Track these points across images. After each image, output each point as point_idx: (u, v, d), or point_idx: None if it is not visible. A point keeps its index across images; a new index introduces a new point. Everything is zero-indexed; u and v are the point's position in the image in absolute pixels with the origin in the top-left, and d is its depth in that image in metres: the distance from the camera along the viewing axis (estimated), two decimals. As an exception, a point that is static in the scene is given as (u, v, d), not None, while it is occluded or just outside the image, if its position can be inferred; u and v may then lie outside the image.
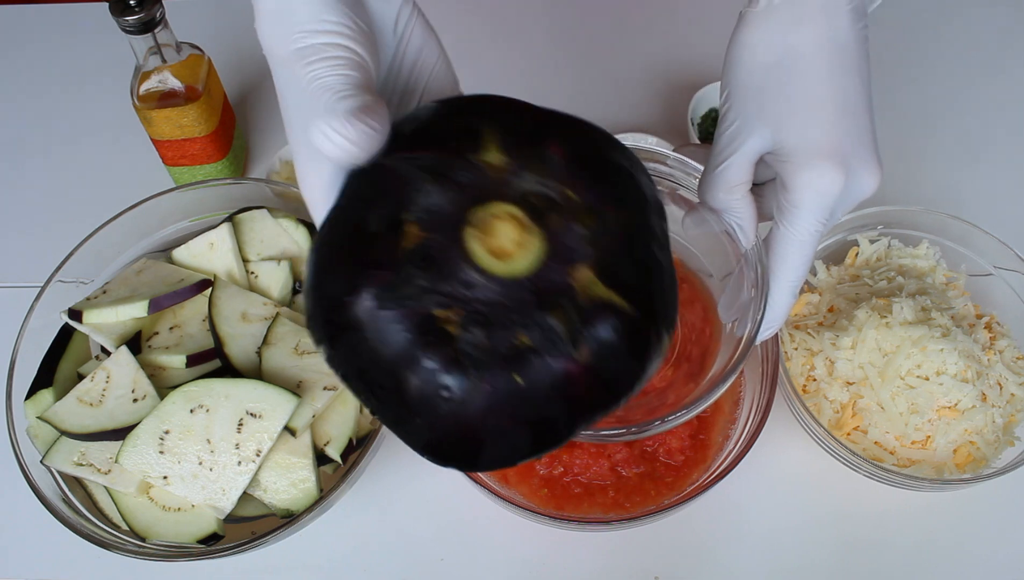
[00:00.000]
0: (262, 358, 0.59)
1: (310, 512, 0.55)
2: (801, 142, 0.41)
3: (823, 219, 0.42)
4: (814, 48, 0.42)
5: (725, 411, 0.62)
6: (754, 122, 0.43)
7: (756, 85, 0.43)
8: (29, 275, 0.76)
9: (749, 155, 0.44)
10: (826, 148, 0.41)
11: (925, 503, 0.63)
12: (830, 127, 0.41)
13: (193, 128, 0.73)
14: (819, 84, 0.42)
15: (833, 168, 0.41)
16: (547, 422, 0.32)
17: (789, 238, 0.43)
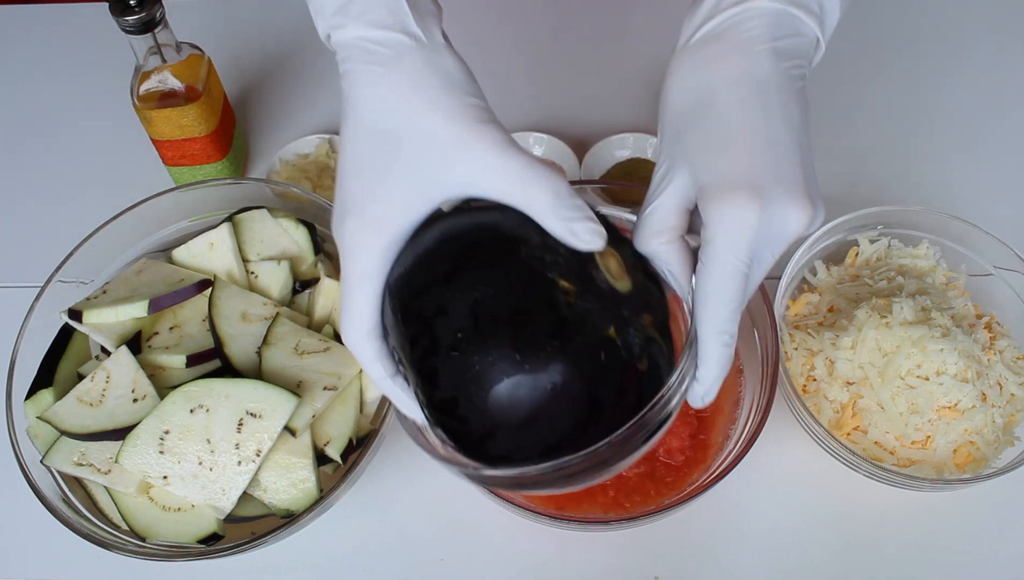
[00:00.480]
0: (262, 358, 0.59)
1: (310, 512, 0.55)
2: (713, 176, 0.40)
3: (742, 256, 0.40)
4: (728, 84, 0.41)
5: (725, 411, 0.62)
6: (676, 165, 0.42)
7: (678, 124, 0.43)
8: (29, 275, 0.76)
9: (674, 198, 0.42)
10: (740, 180, 0.39)
11: (925, 503, 0.63)
12: (742, 159, 0.40)
13: (193, 128, 0.73)
14: (731, 118, 0.41)
15: (744, 199, 0.39)
16: (600, 400, 0.43)
17: (708, 276, 0.40)
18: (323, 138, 0.82)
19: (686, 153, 0.42)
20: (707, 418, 0.61)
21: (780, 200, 0.39)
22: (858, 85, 0.87)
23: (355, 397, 0.60)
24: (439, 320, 0.43)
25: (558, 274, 0.42)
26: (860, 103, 0.86)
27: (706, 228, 0.40)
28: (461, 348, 0.42)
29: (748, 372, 0.62)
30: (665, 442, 0.59)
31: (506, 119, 0.44)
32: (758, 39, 0.41)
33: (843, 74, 0.88)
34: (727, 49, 0.42)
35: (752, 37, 0.42)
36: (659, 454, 0.60)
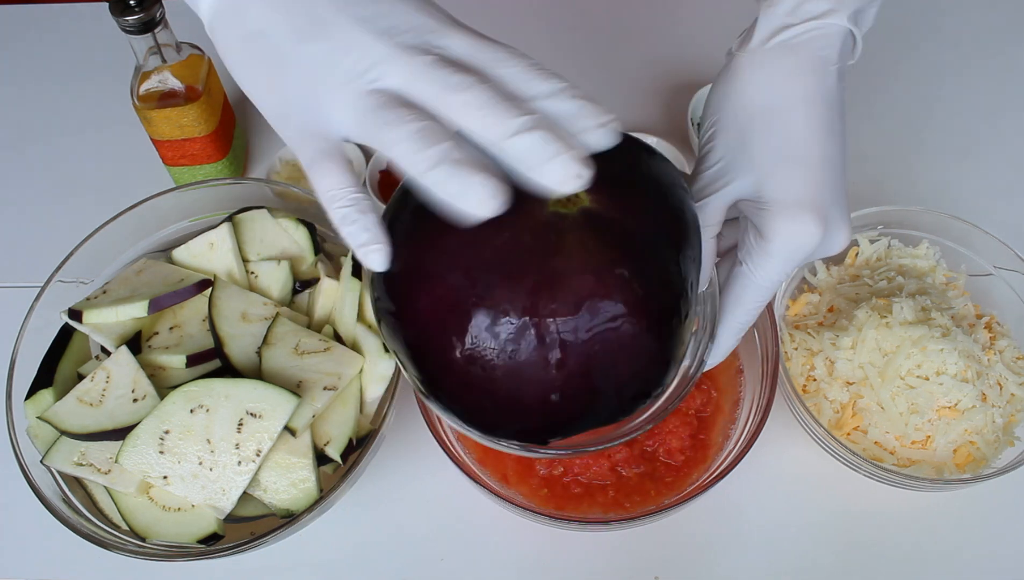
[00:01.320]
0: (262, 358, 0.59)
1: (310, 512, 0.55)
2: (785, 192, 0.41)
3: (792, 270, 0.42)
4: (806, 101, 0.42)
5: (725, 411, 0.62)
6: (739, 166, 0.43)
7: (744, 128, 0.43)
8: (29, 275, 0.76)
9: (728, 199, 0.43)
10: (810, 201, 0.41)
11: (925, 503, 0.63)
12: (815, 181, 0.41)
13: (193, 128, 0.73)
14: (808, 137, 0.42)
15: (814, 221, 0.40)
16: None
17: (752, 282, 0.43)
18: (323, 138, 0.82)
19: (754, 160, 0.42)
20: (707, 418, 0.61)
21: (834, 223, 0.42)
22: (858, 85, 0.87)
23: (355, 397, 0.60)
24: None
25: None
26: (860, 103, 0.86)
27: (767, 240, 0.41)
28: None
29: (748, 372, 0.62)
30: (665, 442, 0.59)
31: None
32: (830, 59, 0.43)
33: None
34: (804, 65, 0.42)
35: (826, 57, 0.43)
36: (659, 454, 0.60)
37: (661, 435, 0.59)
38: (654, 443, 0.60)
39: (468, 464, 0.58)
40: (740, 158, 0.43)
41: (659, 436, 0.60)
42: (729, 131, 0.44)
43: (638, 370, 0.37)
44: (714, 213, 0.44)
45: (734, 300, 0.44)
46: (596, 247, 0.35)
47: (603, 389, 0.37)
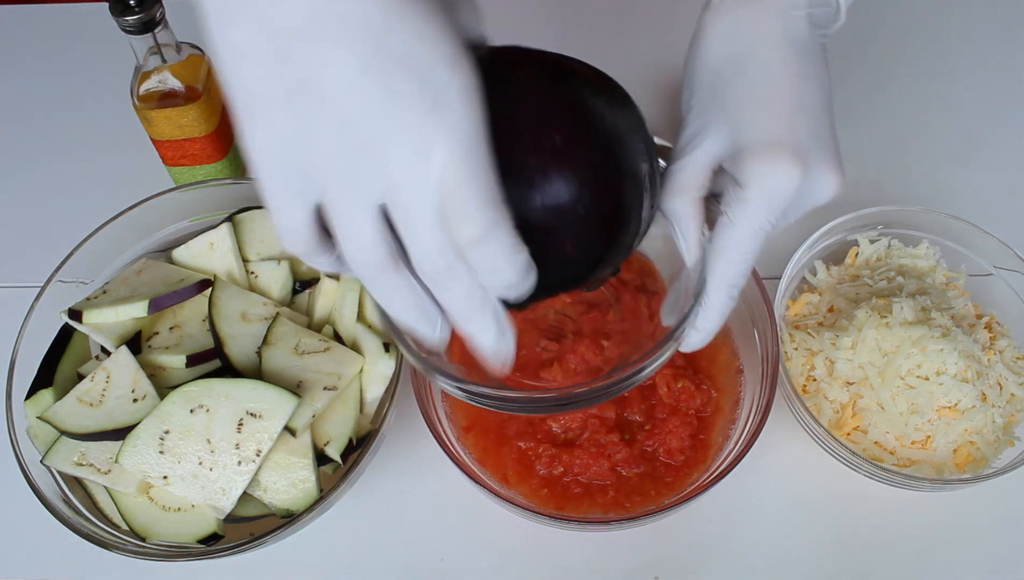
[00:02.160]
0: (262, 358, 0.59)
1: (310, 512, 0.55)
2: (755, 133, 0.40)
3: (773, 217, 0.40)
4: (770, 45, 0.41)
5: (725, 411, 0.62)
6: (712, 123, 0.42)
7: (713, 82, 0.42)
8: (29, 275, 0.75)
9: (706, 157, 0.42)
10: (782, 141, 0.39)
11: (925, 503, 0.63)
12: (786, 120, 0.40)
13: (193, 128, 0.73)
14: (775, 79, 0.41)
15: (788, 161, 0.39)
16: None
17: (733, 232, 0.41)
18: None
19: (725, 109, 0.41)
20: (707, 418, 0.61)
21: (817, 166, 0.40)
22: (858, 85, 0.87)
23: (355, 397, 0.60)
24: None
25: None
26: (860, 103, 0.86)
27: (743, 186, 0.40)
28: None
29: (748, 372, 0.62)
30: (665, 442, 0.59)
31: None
32: (795, 4, 0.41)
33: (843, 74, 0.88)
34: (766, 10, 0.41)
35: (790, 1, 0.41)
36: (659, 454, 0.60)
37: (661, 435, 0.59)
38: (654, 443, 0.60)
39: (468, 464, 0.58)
40: (712, 114, 0.42)
41: (659, 436, 0.60)
42: (701, 90, 0.43)
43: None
44: (691, 176, 0.42)
45: (718, 252, 0.42)
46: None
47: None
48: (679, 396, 0.60)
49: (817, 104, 0.41)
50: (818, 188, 0.41)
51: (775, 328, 0.59)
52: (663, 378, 0.61)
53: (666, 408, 0.60)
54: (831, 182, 0.41)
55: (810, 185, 0.40)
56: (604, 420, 0.60)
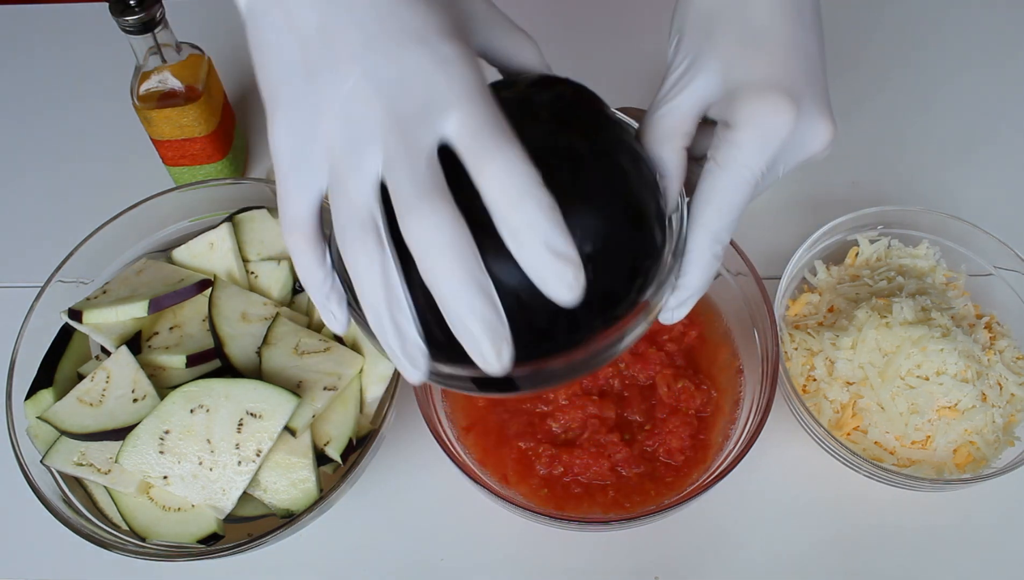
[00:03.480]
0: (262, 358, 0.59)
1: (310, 512, 0.55)
2: (749, 73, 0.38)
3: (764, 162, 0.38)
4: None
5: (725, 411, 0.62)
6: (703, 63, 0.40)
7: (704, 24, 0.40)
8: (29, 275, 0.76)
9: (694, 99, 0.40)
10: (777, 80, 0.38)
11: (925, 503, 0.63)
12: (783, 62, 0.38)
13: (193, 128, 0.73)
14: (774, 21, 0.39)
15: (783, 101, 0.37)
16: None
17: (721, 177, 0.38)
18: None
19: (717, 50, 0.39)
20: (707, 418, 0.61)
21: (810, 112, 0.38)
22: (858, 85, 0.87)
23: (355, 397, 0.60)
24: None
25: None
26: (860, 103, 0.86)
27: (733, 128, 0.38)
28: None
29: (748, 372, 0.62)
30: (665, 442, 0.59)
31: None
32: None
33: (843, 74, 0.88)
34: None
35: None
36: (659, 454, 0.60)
37: (661, 435, 0.59)
38: (654, 443, 0.60)
39: (468, 464, 0.58)
40: (703, 54, 0.40)
41: (659, 436, 0.60)
42: (691, 31, 0.41)
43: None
44: (678, 120, 0.40)
45: (704, 202, 0.39)
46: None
47: None
48: (679, 396, 0.60)
49: (812, 52, 0.40)
50: (810, 137, 0.39)
51: (775, 328, 0.59)
52: (663, 378, 0.61)
53: (666, 408, 0.60)
54: (824, 130, 0.39)
55: (802, 133, 0.39)
56: (604, 420, 0.60)
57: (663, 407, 0.60)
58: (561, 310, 0.33)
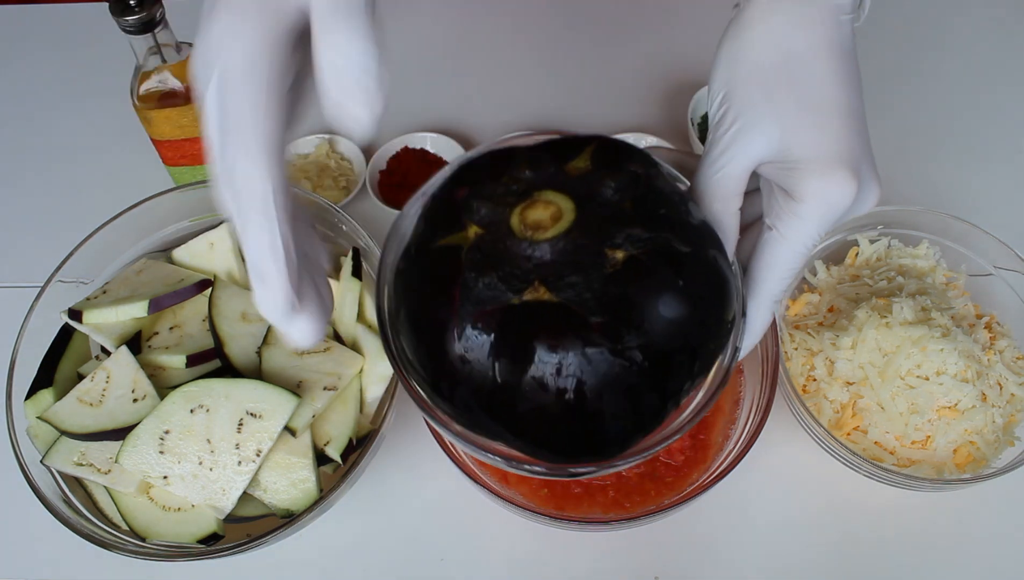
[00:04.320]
0: (262, 358, 0.59)
1: (310, 512, 0.55)
2: (815, 148, 0.39)
3: (825, 231, 0.40)
4: (824, 52, 0.40)
5: (725, 411, 0.62)
6: (758, 124, 0.40)
7: (761, 83, 0.40)
8: (29, 275, 0.76)
9: (752, 159, 0.40)
10: (842, 155, 0.39)
11: (925, 503, 0.63)
12: (845, 133, 0.39)
13: (193, 128, 0.73)
14: (833, 87, 0.39)
15: (850, 178, 0.38)
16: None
17: (785, 248, 0.40)
18: (323, 138, 0.82)
19: (775, 114, 0.39)
20: (707, 418, 0.61)
21: (865, 180, 0.39)
22: (858, 85, 0.87)
23: (355, 397, 0.60)
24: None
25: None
26: (860, 103, 0.86)
27: (799, 200, 0.39)
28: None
29: (748, 372, 0.62)
30: (665, 442, 0.59)
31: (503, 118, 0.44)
32: (843, 7, 0.40)
33: (843, 74, 0.88)
34: (818, 14, 0.40)
35: (839, 5, 0.40)
36: (659, 454, 0.60)
37: (661, 435, 0.59)
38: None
39: (468, 464, 0.58)
40: (759, 115, 0.40)
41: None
42: (744, 88, 0.41)
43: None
44: (736, 182, 0.41)
45: (765, 268, 0.41)
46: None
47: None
48: (679, 396, 0.60)
49: (860, 111, 0.40)
50: (862, 199, 0.40)
51: (775, 328, 0.59)
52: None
53: (666, 408, 0.60)
54: (874, 193, 0.41)
55: (858, 197, 0.40)
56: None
57: (663, 407, 0.60)
58: (648, 388, 0.35)
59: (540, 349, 0.34)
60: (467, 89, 0.87)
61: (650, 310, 0.34)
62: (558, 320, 0.34)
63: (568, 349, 0.34)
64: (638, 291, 0.35)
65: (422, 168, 0.80)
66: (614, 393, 0.35)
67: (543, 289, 0.35)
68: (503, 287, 0.35)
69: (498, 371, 0.35)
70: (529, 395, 0.35)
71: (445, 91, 0.87)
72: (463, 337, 0.35)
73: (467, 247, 0.36)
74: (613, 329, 0.34)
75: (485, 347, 0.35)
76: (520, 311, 0.34)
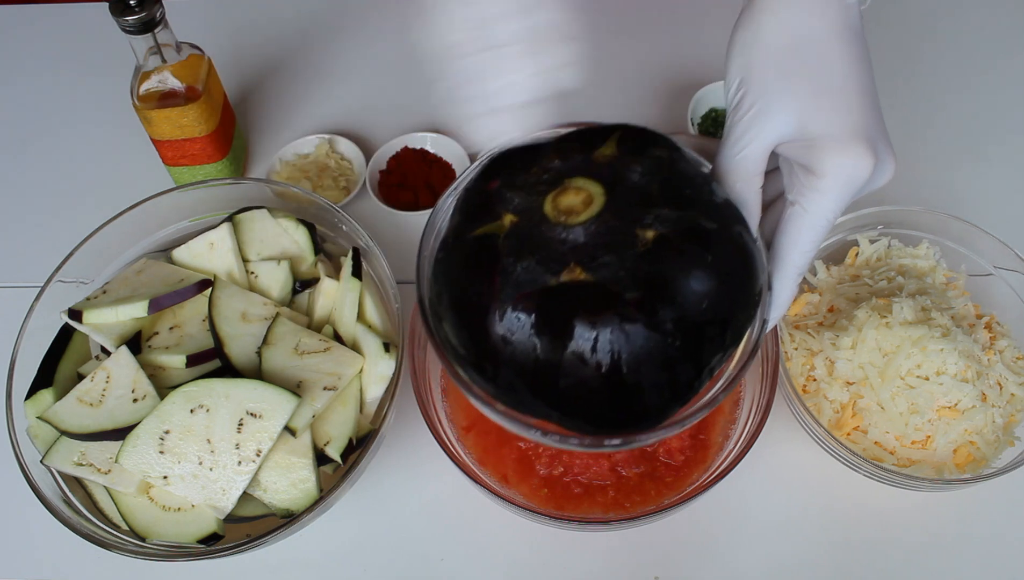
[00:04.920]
0: (262, 358, 0.59)
1: (310, 512, 0.55)
2: (831, 125, 0.41)
3: (845, 205, 0.42)
4: (835, 34, 0.42)
5: (725, 411, 0.62)
6: (776, 105, 0.42)
7: (776, 68, 0.42)
8: (29, 275, 0.76)
9: (771, 140, 0.42)
10: (859, 130, 0.41)
11: (925, 503, 0.63)
12: (859, 110, 0.41)
13: (193, 128, 0.73)
14: (847, 67, 0.41)
15: (867, 152, 0.40)
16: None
17: (807, 222, 0.42)
18: (323, 138, 0.82)
19: (793, 95, 0.41)
20: (707, 418, 0.61)
21: (881, 155, 0.42)
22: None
23: (355, 397, 0.60)
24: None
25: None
26: (860, 103, 0.86)
27: (819, 176, 0.41)
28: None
29: (748, 372, 0.62)
30: (665, 442, 0.59)
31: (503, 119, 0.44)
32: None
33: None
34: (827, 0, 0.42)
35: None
36: (659, 454, 0.60)
37: (661, 435, 0.59)
38: (654, 443, 0.60)
39: (468, 464, 0.58)
40: (776, 97, 0.42)
41: (659, 436, 0.60)
42: (760, 72, 0.43)
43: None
44: (756, 162, 0.43)
45: (790, 243, 0.43)
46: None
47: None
48: (679, 396, 0.60)
49: (874, 91, 0.42)
50: (878, 173, 0.42)
51: (775, 328, 0.59)
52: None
53: (666, 408, 0.60)
54: (890, 168, 0.43)
55: (876, 171, 0.42)
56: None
57: (663, 407, 0.60)
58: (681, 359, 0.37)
59: (579, 326, 0.36)
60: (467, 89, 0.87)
61: (682, 285, 0.36)
62: (595, 298, 0.36)
63: (606, 324, 0.35)
64: (670, 267, 0.36)
65: (422, 168, 0.80)
66: (651, 365, 0.36)
67: (579, 269, 0.36)
68: (541, 270, 0.37)
69: (540, 349, 0.36)
70: (570, 370, 0.36)
71: (445, 91, 0.87)
72: (505, 319, 0.37)
73: (503, 234, 0.38)
74: (648, 304, 0.36)
75: (526, 327, 0.36)
76: (558, 291, 0.36)
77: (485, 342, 0.38)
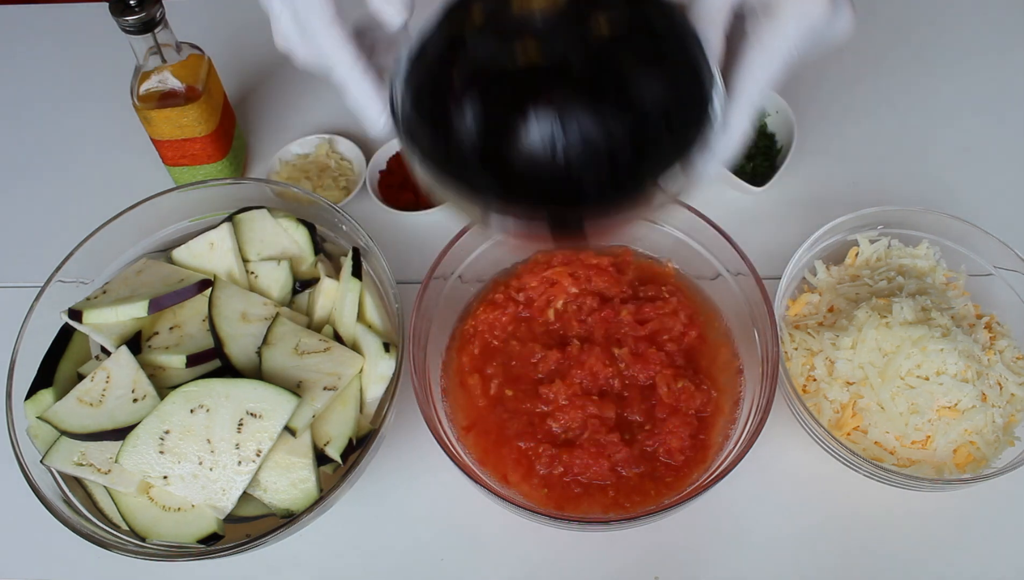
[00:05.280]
0: (262, 358, 0.59)
1: (310, 512, 0.55)
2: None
3: (799, 46, 0.42)
4: None
5: (725, 411, 0.62)
6: None
7: None
8: (29, 275, 0.76)
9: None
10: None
11: (925, 503, 0.63)
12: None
13: (193, 128, 0.73)
14: None
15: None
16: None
17: (762, 55, 0.43)
18: (323, 138, 0.82)
19: None
20: (707, 418, 0.61)
21: (839, 3, 0.42)
22: (858, 86, 0.87)
23: (355, 397, 0.60)
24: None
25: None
26: (860, 104, 0.86)
27: (776, 11, 0.42)
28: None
29: (748, 372, 0.62)
30: (665, 442, 0.59)
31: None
32: None
33: (843, 74, 0.88)
34: None
35: None
36: (659, 454, 0.60)
37: (661, 435, 0.59)
38: (654, 443, 0.60)
39: (468, 464, 0.58)
40: None
41: (659, 436, 0.60)
42: None
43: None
44: (719, 4, 0.43)
45: (746, 74, 0.43)
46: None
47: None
48: (679, 396, 0.60)
49: None
50: (836, 21, 0.43)
51: (775, 328, 0.59)
52: (663, 378, 0.61)
53: (666, 408, 0.60)
54: (846, 17, 0.43)
55: (833, 21, 0.42)
56: (604, 420, 0.60)
57: (663, 407, 0.60)
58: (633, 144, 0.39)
59: (531, 105, 0.38)
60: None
61: (629, 72, 0.39)
62: (547, 78, 0.39)
63: (554, 103, 0.38)
64: (621, 57, 0.39)
65: (422, 168, 0.80)
66: (594, 142, 0.39)
67: (533, 49, 0.39)
68: (496, 42, 0.39)
69: (489, 123, 0.39)
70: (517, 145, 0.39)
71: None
72: (463, 102, 0.39)
73: (469, 22, 0.41)
74: (596, 85, 0.38)
75: (480, 108, 0.39)
76: (513, 75, 0.39)
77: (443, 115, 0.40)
